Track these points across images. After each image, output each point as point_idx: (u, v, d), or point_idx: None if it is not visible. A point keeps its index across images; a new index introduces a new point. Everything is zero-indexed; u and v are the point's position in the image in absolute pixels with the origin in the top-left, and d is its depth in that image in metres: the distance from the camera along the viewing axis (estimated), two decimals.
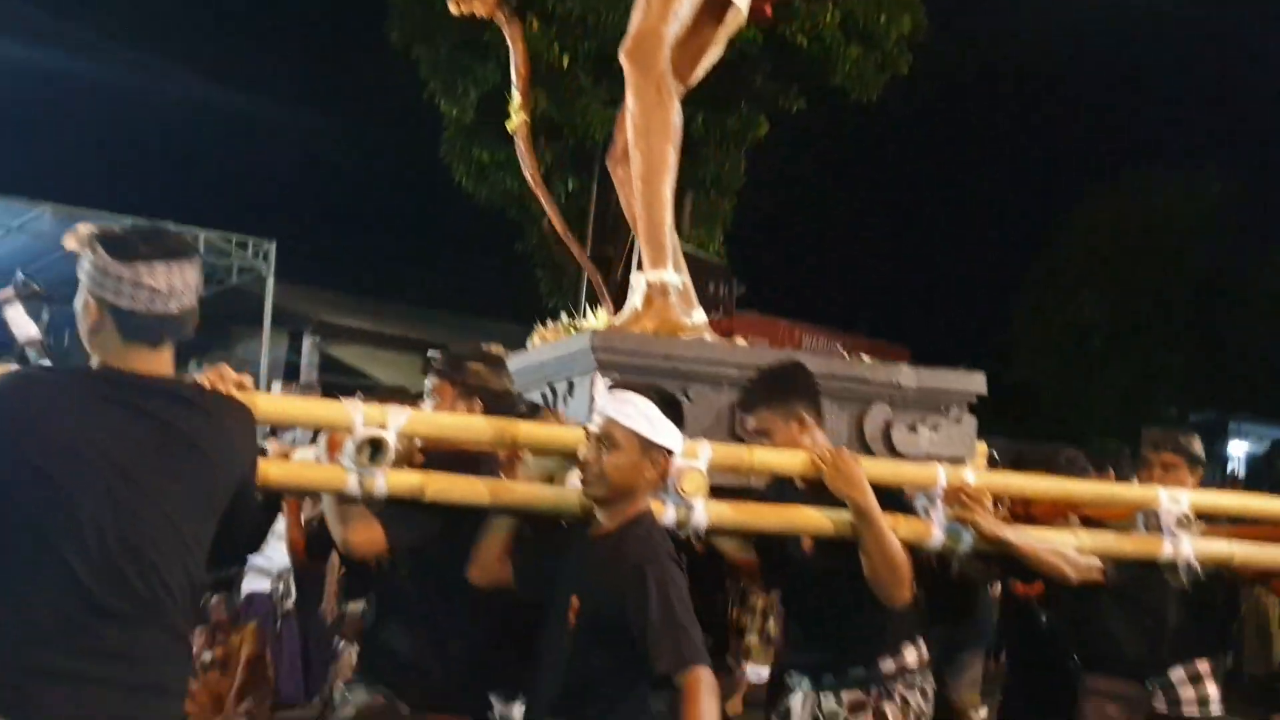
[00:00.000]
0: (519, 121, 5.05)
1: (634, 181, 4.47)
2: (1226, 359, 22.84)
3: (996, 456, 4.35)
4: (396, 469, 2.98)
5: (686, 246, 13.31)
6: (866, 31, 14.19)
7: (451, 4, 4.81)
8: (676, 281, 4.45)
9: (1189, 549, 3.68)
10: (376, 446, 2.91)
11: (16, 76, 18.40)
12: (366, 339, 17.87)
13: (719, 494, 3.29)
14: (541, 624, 3.01)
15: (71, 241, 2.42)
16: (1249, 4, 23.74)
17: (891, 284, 26.68)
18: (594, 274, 5.36)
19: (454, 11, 4.82)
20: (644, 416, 2.88)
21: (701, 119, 14.63)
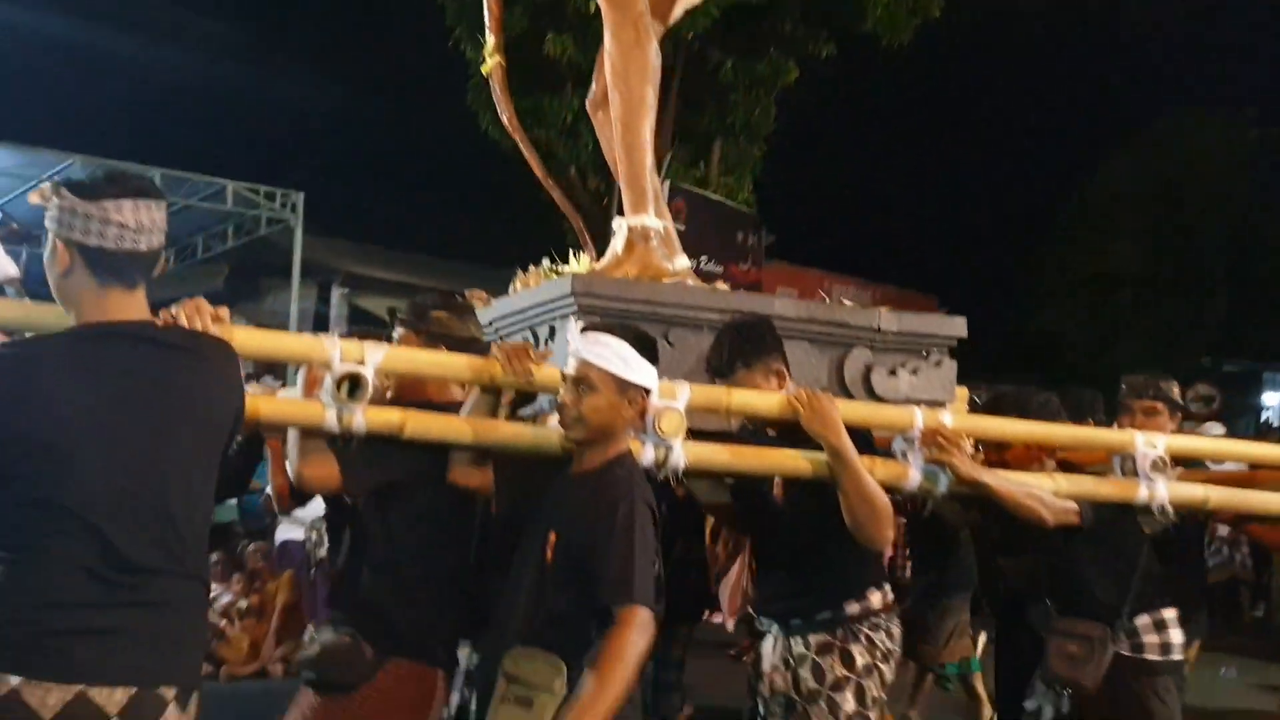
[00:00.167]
0: (493, 64, 4.99)
1: (613, 125, 4.45)
2: (1261, 308, 22.36)
3: (978, 401, 4.33)
4: (375, 406, 2.98)
5: (715, 195, 13.36)
6: None
7: None
8: (658, 226, 4.42)
9: (1164, 493, 3.70)
10: (355, 383, 2.91)
11: (49, 29, 18.50)
12: (395, 290, 17.83)
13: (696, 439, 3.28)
14: (503, 568, 3.02)
15: (36, 196, 2.38)
16: None
17: (921, 232, 26.37)
18: (575, 218, 5.33)
19: None
20: (618, 357, 2.87)
21: (730, 65, 14.49)
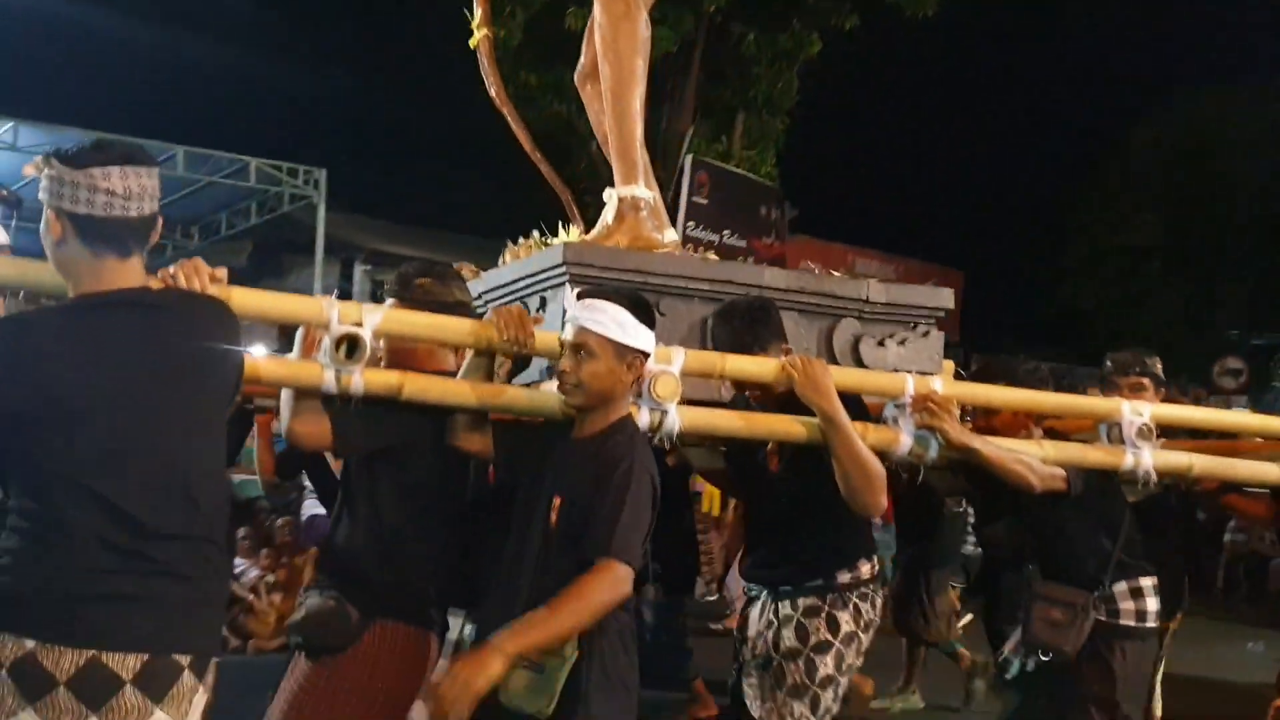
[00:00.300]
0: (480, 37, 4.95)
1: (603, 96, 4.45)
2: None
3: (963, 374, 4.33)
4: (372, 368, 2.99)
5: (738, 169, 13.34)
6: None
7: None
8: (648, 196, 4.43)
9: (1149, 460, 3.73)
10: (353, 344, 2.93)
11: (73, 12, 18.60)
12: None
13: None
14: (500, 536, 3.03)
15: (30, 168, 2.38)
16: None
17: (946, 206, 26.08)
18: (564, 192, 5.32)
19: None
20: (616, 322, 2.87)
21: (753, 37, 14.40)
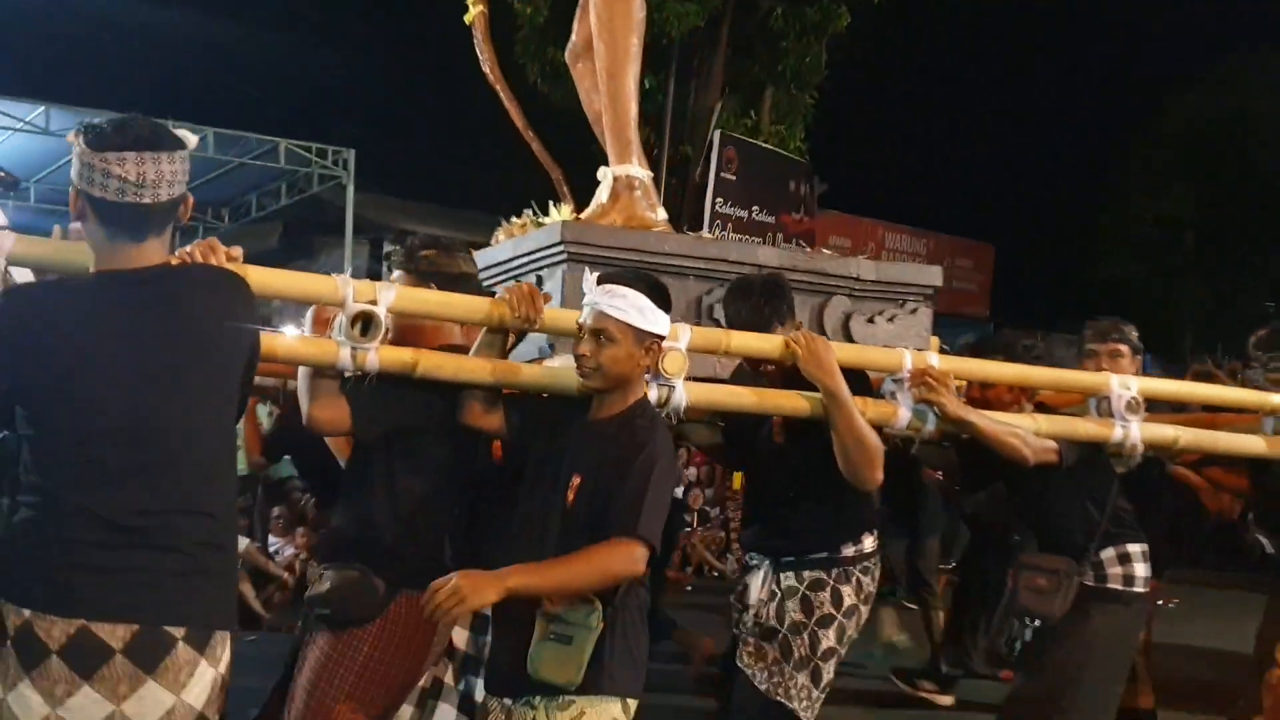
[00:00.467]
0: (475, 13, 4.95)
1: (598, 75, 4.48)
2: None
3: (947, 349, 4.37)
4: (386, 346, 3.01)
5: (766, 144, 13.30)
6: None
7: None
8: (642, 176, 4.47)
9: (1137, 433, 3.78)
10: (367, 322, 2.96)
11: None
12: None
13: None
14: (506, 511, 3.06)
15: (71, 136, 2.38)
16: None
17: (977, 179, 25.65)
18: (554, 170, 5.35)
19: None
20: (636, 308, 2.90)
21: (780, 12, 14.28)
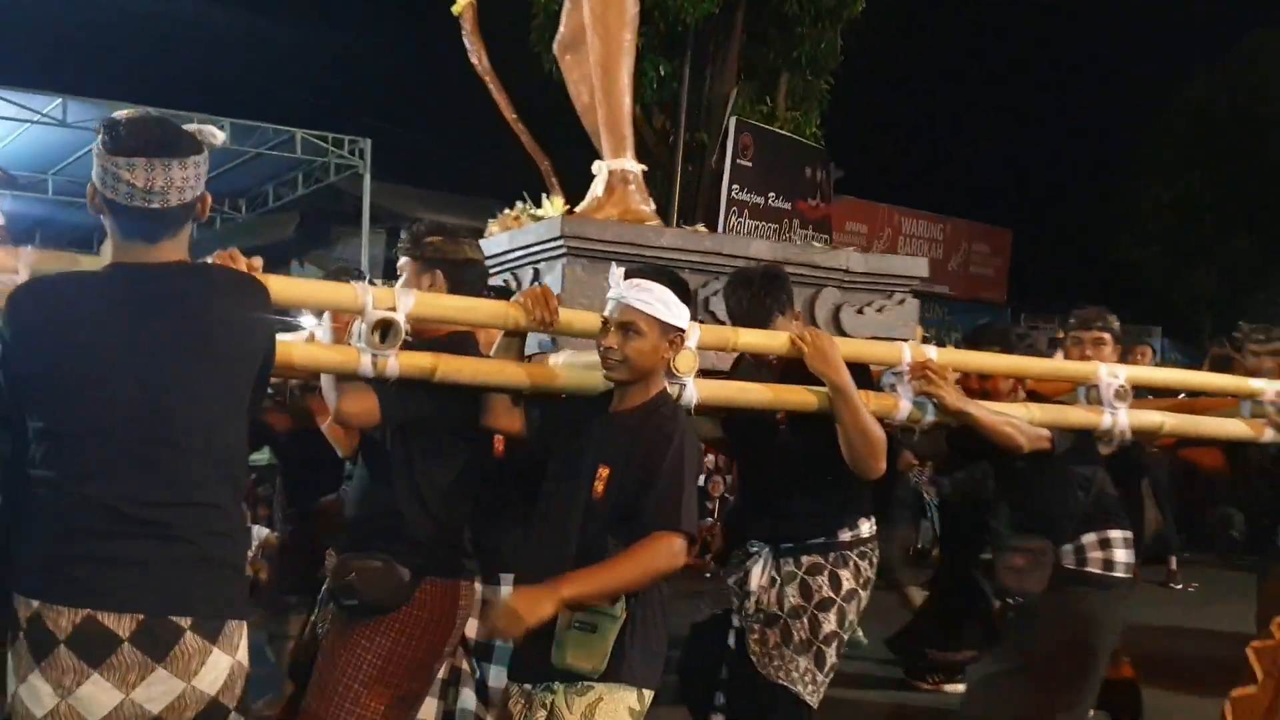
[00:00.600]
0: (463, 5, 4.95)
1: (592, 69, 4.51)
2: None
3: (928, 338, 4.41)
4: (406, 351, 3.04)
5: (782, 130, 13.27)
6: None
7: None
8: (636, 170, 4.51)
9: (1125, 420, 3.85)
10: (387, 328, 3.00)
11: None
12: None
13: None
14: (536, 498, 3.11)
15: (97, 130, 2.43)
16: None
17: (994, 164, 25.48)
18: (543, 160, 5.37)
19: None
20: (662, 302, 2.97)
21: None
